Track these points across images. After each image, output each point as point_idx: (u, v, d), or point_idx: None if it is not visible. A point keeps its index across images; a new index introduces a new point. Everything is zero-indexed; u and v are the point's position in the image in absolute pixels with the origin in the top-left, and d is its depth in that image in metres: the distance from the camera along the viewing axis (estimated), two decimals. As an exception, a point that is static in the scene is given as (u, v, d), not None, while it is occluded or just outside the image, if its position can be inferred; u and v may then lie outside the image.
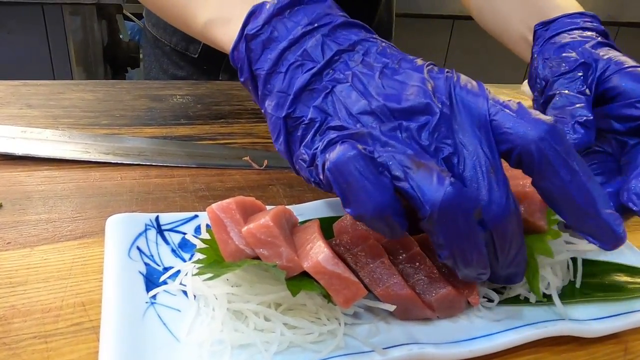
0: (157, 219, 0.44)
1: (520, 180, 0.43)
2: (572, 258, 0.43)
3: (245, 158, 0.60)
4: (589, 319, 0.40)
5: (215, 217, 0.36)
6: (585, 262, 0.44)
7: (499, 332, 0.38)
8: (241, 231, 0.35)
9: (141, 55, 2.37)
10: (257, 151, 0.63)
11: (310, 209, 0.48)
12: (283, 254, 0.34)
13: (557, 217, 0.42)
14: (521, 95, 0.72)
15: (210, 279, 0.34)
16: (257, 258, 0.35)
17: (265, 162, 0.60)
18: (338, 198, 0.33)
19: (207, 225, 0.39)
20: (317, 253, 0.34)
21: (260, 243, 0.34)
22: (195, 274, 0.36)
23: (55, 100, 0.69)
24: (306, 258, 0.34)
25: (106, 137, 0.62)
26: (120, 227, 0.43)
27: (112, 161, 0.57)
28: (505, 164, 0.33)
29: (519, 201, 0.38)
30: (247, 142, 0.65)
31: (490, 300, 0.41)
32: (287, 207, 0.45)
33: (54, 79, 1.68)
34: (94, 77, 2.03)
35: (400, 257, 0.38)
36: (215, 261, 0.36)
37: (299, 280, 0.35)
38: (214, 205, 0.36)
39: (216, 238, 0.35)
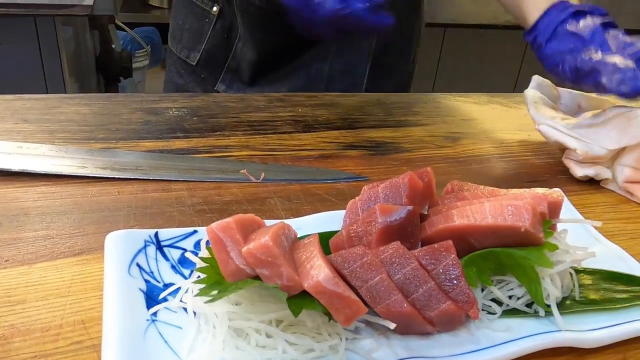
0: (156, 235, 0.44)
1: (523, 194, 0.44)
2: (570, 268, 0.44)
3: (242, 171, 0.60)
4: (587, 329, 0.40)
5: (215, 237, 0.36)
6: (582, 271, 0.45)
7: (498, 345, 0.38)
8: (241, 251, 0.35)
9: (133, 65, 2.37)
10: (254, 164, 0.63)
11: (308, 223, 0.49)
12: (284, 273, 0.34)
13: (551, 230, 0.42)
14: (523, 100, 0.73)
15: (211, 300, 0.34)
16: (258, 277, 0.36)
17: (262, 174, 0.60)
18: (336, 212, 0.33)
19: (207, 242, 0.39)
20: (318, 273, 0.34)
21: (260, 263, 0.34)
22: (197, 295, 0.36)
23: (50, 114, 0.69)
24: (307, 277, 0.34)
25: (103, 151, 0.62)
26: (120, 243, 0.42)
27: (109, 176, 0.57)
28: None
29: (526, 214, 0.39)
30: (244, 154, 0.65)
31: (491, 313, 0.41)
32: (285, 221, 0.45)
33: (47, 90, 1.68)
34: (86, 88, 2.03)
35: (400, 273, 0.38)
36: (216, 282, 0.36)
37: (300, 299, 0.35)
38: (213, 225, 0.36)
39: (216, 258, 0.36)
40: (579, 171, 0.65)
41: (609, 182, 0.65)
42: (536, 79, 0.75)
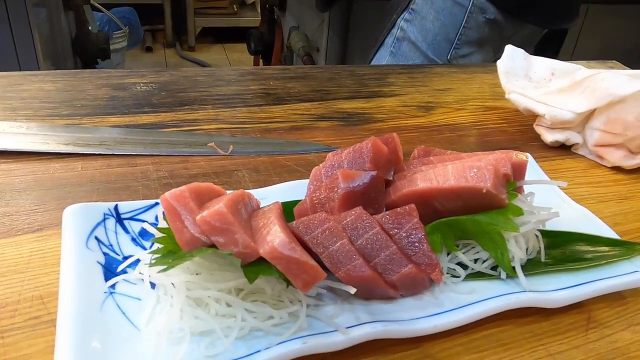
0: (115, 207, 0.43)
1: (486, 155, 0.43)
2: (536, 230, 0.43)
3: (210, 144, 0.59)
4: (552, 289, 0.40)
5: (169, 205, 0.35)
6: (547, 233, 0.45)
7: (462, 307, 0.38)
8: (195, 219, 0.34)
9: (111, 47, 2.32)
10: (223, 137, 0.62)
11: (275, 192, 0.48)
12: (239, 240, 0.33)
13: (515, 192, 0.42)
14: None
15: (166, 269, 0.34)
16: (213, 245, 0.35)
17: (231, 147, 0.59)
18: (302, 180, 0.32)
19: (164, 213, 0.38)
20: (273, 238, 0.33)
21: (215, 230, 0.33)
22: (152, 265, 0.35)
23: (13, 91, 0.67)
24: (262, 243, 0.34)
25: (66, 127, 0.60)
26: (78, 217, 0.41)
27: (73, 152, 0.56)
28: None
29: (488, 174, 0.38)
30: (213, 127, 0.64)
31: (456, 276, 0.41)
32: (250, 191, 0.44)
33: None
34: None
35: (361, 238, 0.38)
36: (171, 251, 0.35)
37: (257, 265, 0.34)
38: (167, 194, 0.35)
39: (171, 227, 0.35)
40: (549, 137, 0.65)
41: (579, 147, 0.65)
42: (508, 49, 0.74)
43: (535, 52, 1.18)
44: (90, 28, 2.21)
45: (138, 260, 0.39)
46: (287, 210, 0.42)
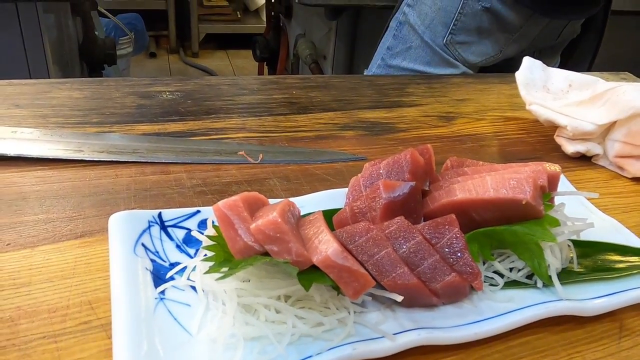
0: (159, 215, 0.44)
1: (522, 167, 0.44)
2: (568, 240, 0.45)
3: (240, 152, 0.60)
4: (586, 298, 0.42)
5: (222, 214, 0.36)
6: (578, 243, 0.46)
7: (501, 315, 0.39)
8: (249, 228, 0.35)
9: (117, 52, 2.33)
10: (252, 145, 0.63)
11: (310, 201, 0.49)
12: (292, 249, 0.34)
13: (550, 203, 0.43)
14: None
15: (222, 277, 0.35)
16: (266, 253, 0.36)
17: (261, 156, 0.60)
18: (336, 190, 0.32)
19: (213, 221, 0.39)
20: (326, 247, 0.34)
21: (269, 239, 0.34)
22: (207, 272, 0.36)
23: (42, 99, 0.68)
24: (315, 252, 0.35)
25: (98, 135, 0.61)
26: (124, 224, 0.42)
27: (106, 159, 0.57)
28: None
29: (527, 186, 0.40)
30: (241, 136, 0.65)
31: (494, 285, 0.42)
32: (290, 199, 0.45)
33: (30, 78, 1.65)
34: (70, 75, 1.99)
35: (404, 247, 0.39)
36: (225, 259, 0.36)
37: (309, 273, 0.35)
38: (220, 203, 0.36)
39: (224, 235, 0.36)
40: (570, 148, 0.66)
41: (599, 158, 0.66)
42: (527, 60, 0.75)
43: (565, 62, 1.20)
44: (97, 34, 2.22)
45: (184, 267, 0.40)
46: (326, 219, 0.43)
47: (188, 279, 0.39)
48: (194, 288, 0.39)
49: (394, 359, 0.37)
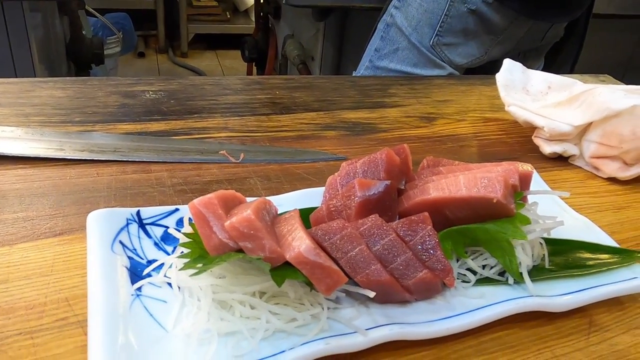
0: (138, 213, 0.45)
1: (495, 167, 0.45)
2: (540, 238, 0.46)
3: (221, 152, 0.61)
4: (556, 294, 0.43)
5: (197, 212, 0.36)
6: (550, 240, 0.47)
7: (473, 310, 0.40)
8: (224, 225, 0.36)
9: (105, 52, 2.32)
10: (233, 145, 0.63)
11: (289, 200, 0.50)
12: (266, 246, 0.35)
13: (522, 202, 0.44)
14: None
15: (196, 273, 0.35)
16: (240, 250, 0.36)
17: (242, 155, 0.61)
18: (315, 188, 0.33)
19: (190, 219, 0.40)
20: (299, 244, 0.35)
21: (243, 236, 0.35)
22: (182, 269, 0.37)
23: (25, 98, 0.68)
24: (288, 249, 0.36)
25: (80, 134, 0.62)
26: (102, 222, 0.43)
27: (88, 158, 0.57)
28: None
29: (498, 185, 0.40)
30: (223, 136, 0.66)
31: (466, 281, 0.43)
32: (266, 198, 0.46)
33: (16, 77, 1.64)
34: (57, 75, 1.98)
35: (378, 244, 0.40)
36: (200, 256, 0.37)
37: (283, 270, 0.36)
38: (195, 201, 0.37)
39: (199, 233, 0.36)
40: (547, 148, 0.67)
41: (576, 159, 0.67)
42: (507, 63, 0.77)
43: (549, 65, 1.21)
44: (84, 33, 2.21)
45: (162, 264, 0.40)
46: (302, 217, 0.43)
47: (165, 276, 0.39)
48: (170, 285, 0.39)
49: (367, 354, 0.38)
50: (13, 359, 0.36)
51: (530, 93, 0.75)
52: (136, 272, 0.40)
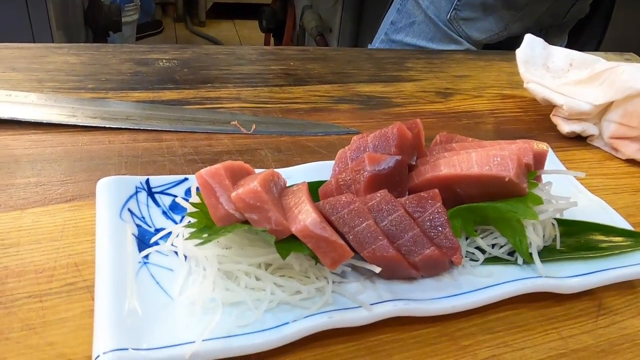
0: (147, 181, 0.45)
1: (509, 145, 0.44)
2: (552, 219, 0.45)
3: (233, 123, 0.60)
4: (566, 276, 0.42)
5: (204, 182, 0.36)
6: (563, 221, 0.46)
7: (480, 289, 0.40)
8: (230, 196, 0.36)
9: (123, 19, 2.31)
10: (245, 115, 0.63)
11: (298, 172, 0.49)
12: (272, 218, 0.35)
13: (535, 181, 0.43)
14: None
15: (201, 244, 0.35)
16: (247, 221, 0.36)
17: (254, 126, 0.60)
18: (325, 162, 0.33)
19: (197, 188, 0.40)
20: (305, 217, 0.35)
21: (249, 208, 0.35)
22: (187, 238, 0.37)
23: (39, 63, 0.68)
24: (294, 222, 0.35)
25: (92, 101, 0.62)
26: (111, 189, 0.43)
27: (100, 125, 0.57)
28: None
29: (511, 164, 0.40)
30: (235, 106, 0.65)
31: (474, 260, 0.42)
32: (275, 170, 0.45)
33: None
34: (75, 42, 1.98)
35: (386, 220, 0.39)
36: (206, 226, 0.37)
37: (288, 242, 0.36)
38: (202, 171, 0.37)
39: (206, 203, 0.36)
40: (565, 127, 0.66)
41: (595, 139, 0.66)
42: (528, 38, 0.74)
43: (572, 42, 1.18)
44: (102, 0, 2.20)
45: (169, 233, 0.41)
46: (311, 190, 0.43)
47: (172, 244, 0.40)
48: (177, 254, 0.39)
49: (371, 329, 0.38)
50: (23, 320, 0.36)
51: (550, 70, 0.73)
52: (144, 240, 0.41)
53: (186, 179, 0.46)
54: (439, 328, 0.39)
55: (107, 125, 0.57)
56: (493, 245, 0.43)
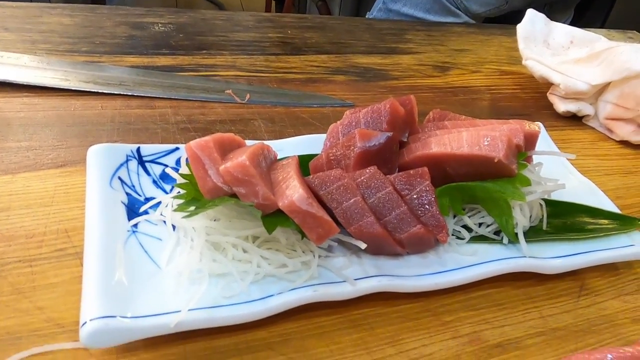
0: (138, 150, 0.45)
1: (501, 125, 0.44)
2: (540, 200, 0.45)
3: (227, 91, 0.60)
4: (550, 257, 0.42)
5: (193, 154, 0.36)
6: (550, 202, 0.46)
7: (464, 267, 0.40)
8: (219, 169, 0.36)
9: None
10: (240, 84, 0.62)
11: (290, 145, 0.49)
12: (259, 192, 0.35)
13: (525, 162, 0.44)
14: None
15: (188, 216, 0.35)
16: (235, 195, 0.36)
17: (248, 96, 0.60)
18: (317, 135, 0.32)
19: (187, 160, 0.40)
20: (292, 193, 0.35)
21: (237, 181, 0.35)
22: (175, 210, 0.37)
23: (32, 24, 0.67)
24: (282, 197, 0.35)
25: (86, 64, 0.61)
26: (102, 157, 0.43)
27: (93, 90, 0.57)
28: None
29: (501, 145, 0.40)
30: (230, 74, 0.65)
31: (460, 238, 0.43)
32: (266, 142, 0.45)
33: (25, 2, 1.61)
34: (75, 2, 1.94)
35: (374, 197, 0.39)
36: (194, 198, 0.37)
37: (275, 217, 0.36)
38: (192, 143, 0.36)
39: (195, 175, 0.36)
40: (561, 106, 0.65)
41: (590, 119, 0.66)
42: (529, 13, 0.73)
43: (577, 19, 1.16)
44: (101, -44, 2.15)
45: (159, 202, 0.41)
46: (302, 164, 0.43)
47: (161, 214, 0.40)
48: (166, 223, 0.40)
49: (356, 303, 0.39)
50: (12, 284, 0.37)
51: (551, 47, 0.72)
52: (133, 209, 0.41)
53: (177, 148, 0.46)
54: (423, 303, 0.40)
55: (100, 90, 0.57)
56: (480, 224, 0.44)
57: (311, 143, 0.50)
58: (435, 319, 0.39)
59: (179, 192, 0.39)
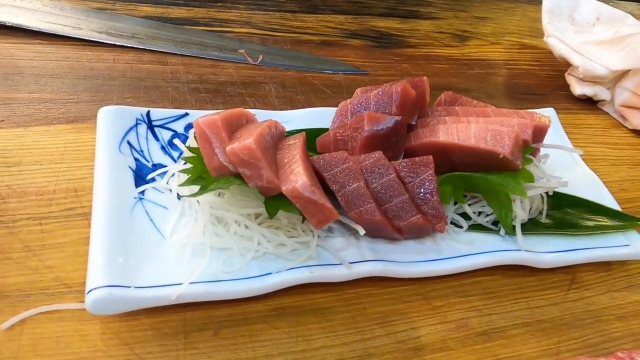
0: (148, 114, 0.45)
1: (511, 118, 0.44)
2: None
3: (240, 51, 0.59)
4: (545, 251, 0.43)
5: (201, 131, 0.36)
6: (553, 194, 0.46)
7: (458, 257, 0.41)
8: (225, 149, 0.36)
9: None
10: (253, 44, 0.61)
11: (299, 117, 0.49)
12: (264, 175, 0.35)
13: (531, 157, 0.44)
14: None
15: (194, 195, 0.36)
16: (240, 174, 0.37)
17: (261, 57, 0.59)
18: (326, 108, 0.30)
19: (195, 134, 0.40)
20: (296, 179, 0.35)
21: (242, 163, 0.35)
22: (181, 185, 0.38)
23: (46, -38, 0.66)
24: (285, 181, 0.36)
25: (99, 13, 0.60)
26: (112, 119, 0.43)
27: (105, 41, 0.56)
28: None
29: (508, 141, 0.40)
30: (244, 31, 0.64)
31: (459, 226, 0.44)
32: (275, 113, 0.45)
33: None
34: None
35: (377, 182, 0.40)
36: (200, 176, 0.38)
37: (278, 200, 0.37)
38: (200, 120, 0.37)
39: (202, 152, 0.37)
40: (578, 89, 0.64)
41: (605, 104, 0.65)
42: (559, -17, 0.71)
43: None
44: None
45: (166, 170, 0.42)
46: (310, 137, 0.43)
47: (167, 182, 0.41)
48: (172, 191, 0.41)
49: (350, 282, 0.40)
50: (23, 242, 0.38)
51: (576, 22, 0.70)
52: (141, 175, 0.42)
53: (187, 114, 0.46)
54: (415, 287, 0.42)
55: (112, 42, 0.57)
56: (479, 213, 0.44)
57: (320, 116, 0.50)
58: (426, 303, 0.41)
59: (185, 163, 0.40)
